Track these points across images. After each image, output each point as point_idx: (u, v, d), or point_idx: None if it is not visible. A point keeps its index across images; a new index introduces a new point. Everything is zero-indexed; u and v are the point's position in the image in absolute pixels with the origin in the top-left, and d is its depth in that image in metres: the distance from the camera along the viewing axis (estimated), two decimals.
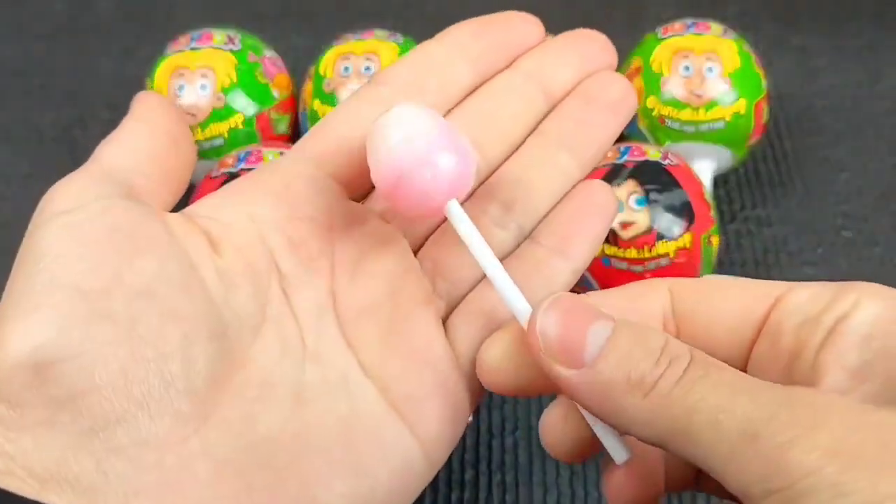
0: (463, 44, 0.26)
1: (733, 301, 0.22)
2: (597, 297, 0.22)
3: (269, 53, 0.44)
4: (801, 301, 0.21)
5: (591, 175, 0.36)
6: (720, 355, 0.21)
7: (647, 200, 0.35)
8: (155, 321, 0.20)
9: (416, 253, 0.25)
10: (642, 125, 0.42)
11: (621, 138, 0.42)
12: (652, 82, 0.41)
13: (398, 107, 0.22)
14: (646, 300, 0.22)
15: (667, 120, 0.41)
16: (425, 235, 0.25)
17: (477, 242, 0.22)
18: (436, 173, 0.22)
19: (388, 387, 0.22)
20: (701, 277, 0.23)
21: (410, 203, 0.22)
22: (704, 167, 0.41)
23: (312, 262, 0.23)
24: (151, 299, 0.20)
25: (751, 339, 0.21)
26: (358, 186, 0.25)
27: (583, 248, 0.24)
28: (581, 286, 0.36)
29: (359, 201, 0.25)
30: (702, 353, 0.20)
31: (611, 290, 0.23)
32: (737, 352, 0.22)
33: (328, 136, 0.25)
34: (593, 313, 0.20)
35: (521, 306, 0.22)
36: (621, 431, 0.21)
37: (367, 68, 0.41)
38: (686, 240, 0.35)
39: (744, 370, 0.22)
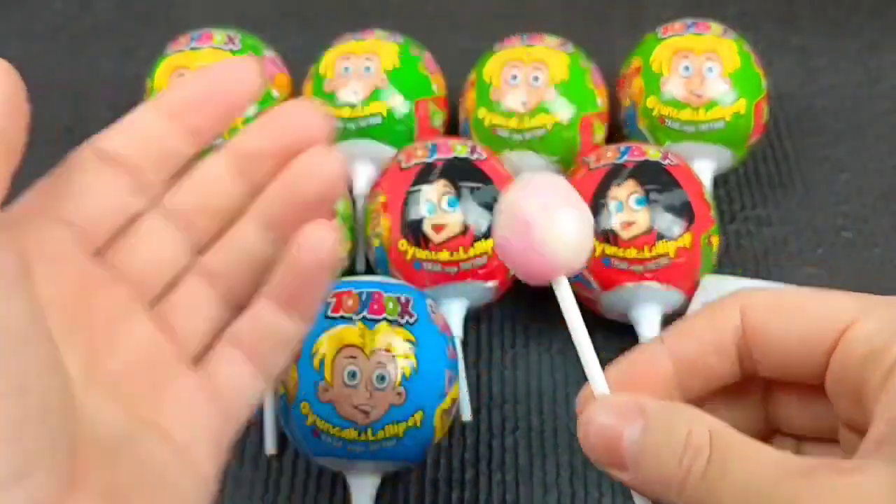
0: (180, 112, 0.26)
1: (802, 326, 0.23)
2: (684, 326, 0.24)
3: (269, 53, 0.43)
4: (866, 334, 0.21)
5: (592, 175, 0.36)
6: (796, 374, 0.23)
7: (647, 200, 0.35)
8: None
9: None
10: (642, 125, 0.42)
11: (622, 139, 0.42)
12: (652, 82, 0.41)
13: (535, 178, 0.24)
14: (720, 325, 0.24)
15: (667, 120, 0.41)
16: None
17: (576, 319, 0.24)
18: (567, 246, 0.23)
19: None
20: (772, 291, 0.24)
21: (533, 269, 0.24)
22: (704, 167, 0.41)
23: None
24: None
25: (823, 363, 0.22)
26: None
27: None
28: (578, 282, 0.36)
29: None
30: (722, 439, 0.21)
31: (694, 317, 0.25)
32: (811, 371, 0.23)
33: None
34: (626, 415, 0.22)
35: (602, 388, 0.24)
36: None
37: (367, 68, 0.41)
38: (686, 240, 0.35)
39: (822, 387, 0.23)
